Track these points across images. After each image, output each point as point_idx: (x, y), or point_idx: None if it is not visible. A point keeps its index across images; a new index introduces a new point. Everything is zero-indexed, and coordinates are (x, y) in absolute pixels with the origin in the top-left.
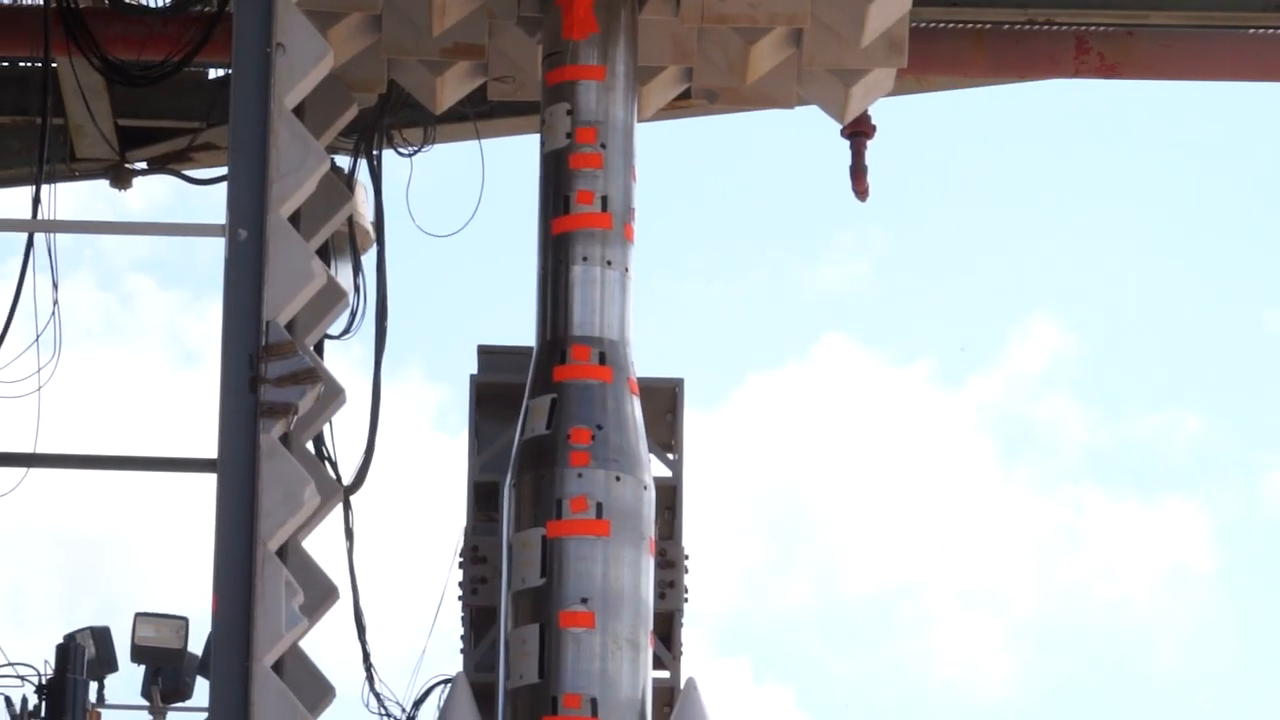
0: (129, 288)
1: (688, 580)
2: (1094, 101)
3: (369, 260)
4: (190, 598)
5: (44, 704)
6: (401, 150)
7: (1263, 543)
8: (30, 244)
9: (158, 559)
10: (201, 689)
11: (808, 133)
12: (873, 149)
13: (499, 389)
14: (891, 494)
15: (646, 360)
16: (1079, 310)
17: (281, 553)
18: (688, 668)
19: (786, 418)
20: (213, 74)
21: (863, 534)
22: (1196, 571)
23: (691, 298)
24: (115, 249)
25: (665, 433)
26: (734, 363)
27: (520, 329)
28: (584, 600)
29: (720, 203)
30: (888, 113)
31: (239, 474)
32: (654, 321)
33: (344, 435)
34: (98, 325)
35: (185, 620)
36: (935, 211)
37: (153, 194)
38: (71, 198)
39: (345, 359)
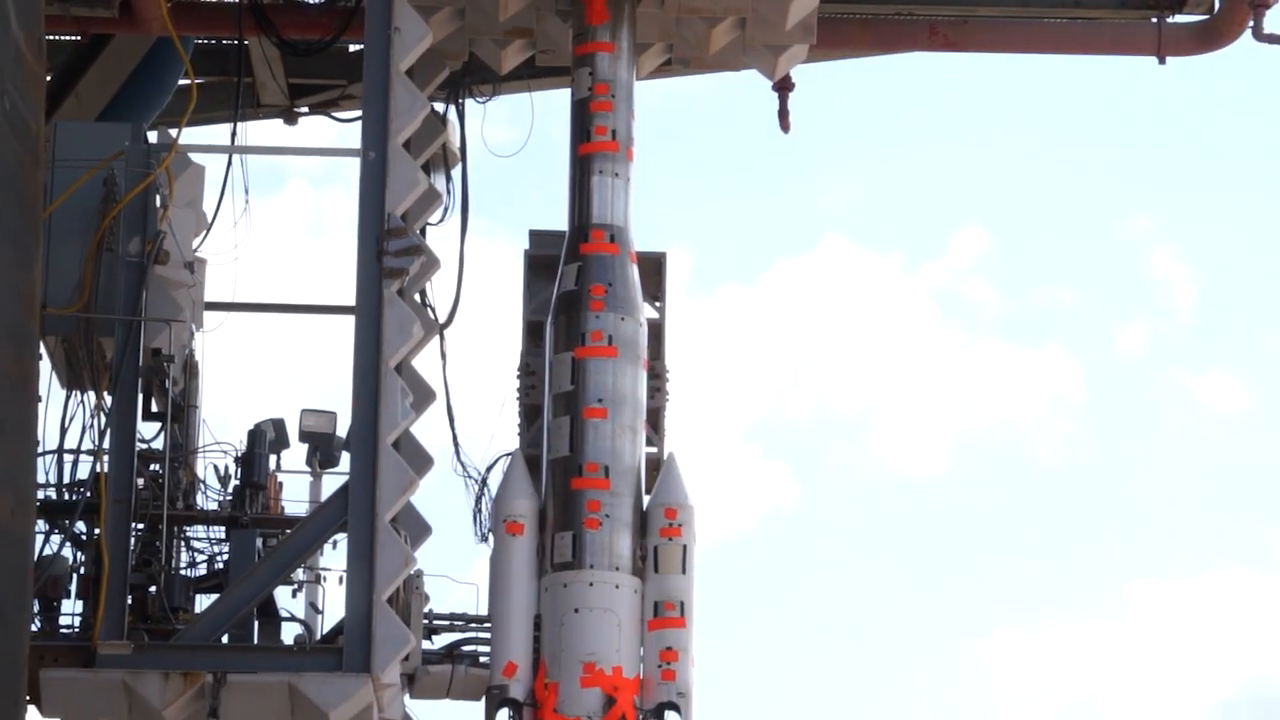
0: None
1: (669, 386)
2: (967, 74)
3: (456, 173)
4: (338, 398)
5: (240, 470)
6: (478, 99)
7: (1116, 380)
8: (230, 162)
9: (318, 374)
10: (345, 460)
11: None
12: (858, 107)
13: (544, 259)
14: (869, 341)
15: (703, 250)
16: (999, 221)
17: (398, 368)
18: (708, 450)
19: (802, 290)
20: (353, 48)
21: (848, 367)
22: (1070, 400)
23: (733, 207)
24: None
25: (655, 288)
26: (766, 252)
27: (558, 218)
28: (599, 400)
29: (744, 141)
30: (809, 74)
31: (369, 316)
32: (708, 221)
33: (440, 289)
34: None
35: (335, 414)
36: (898, 148)
37: (312, 129)
38: (256, 131)
39: (441, 238)
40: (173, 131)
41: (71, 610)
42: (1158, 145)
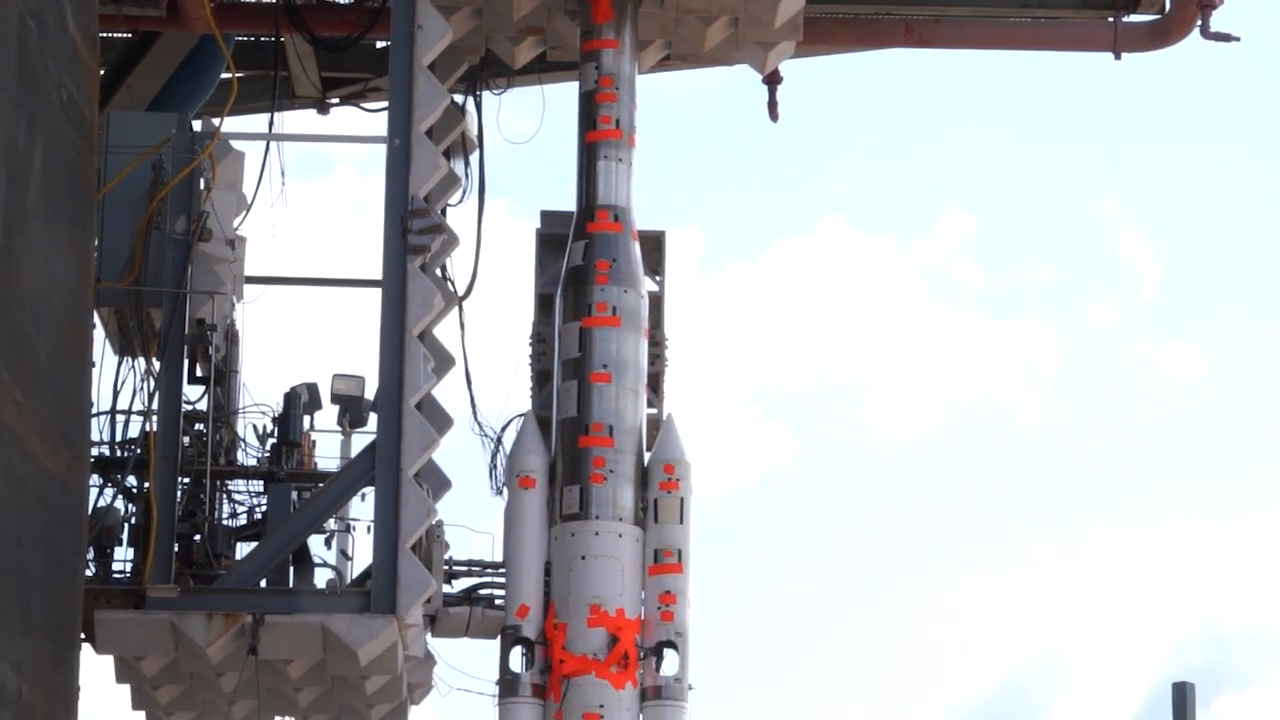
0: None
1: (668, 353)
2: (934, 70)
3: (474, 158)
4: (367, 364)
5: (277, 429)
6: (493, 91)
7: (1084, 350)
8: (267, 149)
9: (348, 342)
10: (372, 420)
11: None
12: (853, 100)
13: (554, 236)
14: (863, 314)
15: (712, 231)
16: (982, 205)
17: (421, 337)
18: (714, 413)
19: (803, 268)
20: (379, 44)
21: (844, 338)
22: (1042, 370)
23: (739, 192)
24: None
25: (655, 263)
26: (768, 232)
27: (567, 199)
28: (604, 366)
29: (748, 131)
30: (794, 68)
31: (395, 289)
32: (717, 205)
33: (459, 265)
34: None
35: (363, 378)
36: (890, 138)
37: (342, 118)
38: (293, 120)
39: (460, 218)
40: (215, 121)
41: (123, 557)
42: (1123, 135)
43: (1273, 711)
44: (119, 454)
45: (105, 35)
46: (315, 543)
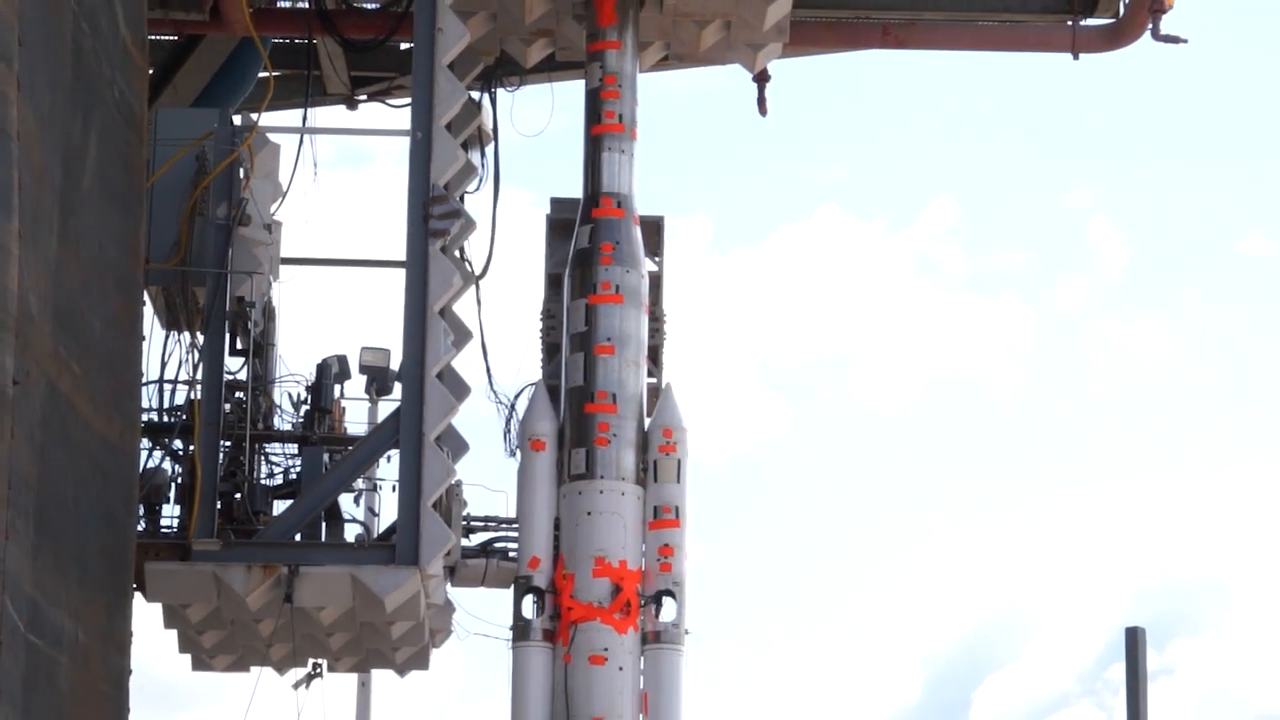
0: None
1: (666, 328)
2: (917, 70)
3: (490, 150)
4: (392, 338)
5: (310, 397)
6: (507, 88)
7: (1056, 328)
8: (301, 140)
9: (375, 317)
10: (397, 389)
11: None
12: (846, 97)
13: (562, 221)
14: (855, 295)
15: (719, 218)
16: (967, 193)
17: (441, 313)
18: (717, 385)
19: (800, 251)
20: (403, 45)
21: (838, 316)
22: (1018, 346)
23: (739, 182)
24: None
25: (654, 245)
26: (768, 220)
27: (574, 187)
28: (608, 339)
29: (744, 128)
30: (781, 67)
31: (417, 268)
32: (723, 194)
33: (475, 247)
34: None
35: (389, 350)
36: (881, 133)
37: (368, 113)
38: (324, 115)
39: (476, 205)
40: (254, 115)
41: (171, 514)
42: (1089, 130)
43: (1226, 654)
44: (167, 420)
45: (153, 37)
46: (345, 500)
